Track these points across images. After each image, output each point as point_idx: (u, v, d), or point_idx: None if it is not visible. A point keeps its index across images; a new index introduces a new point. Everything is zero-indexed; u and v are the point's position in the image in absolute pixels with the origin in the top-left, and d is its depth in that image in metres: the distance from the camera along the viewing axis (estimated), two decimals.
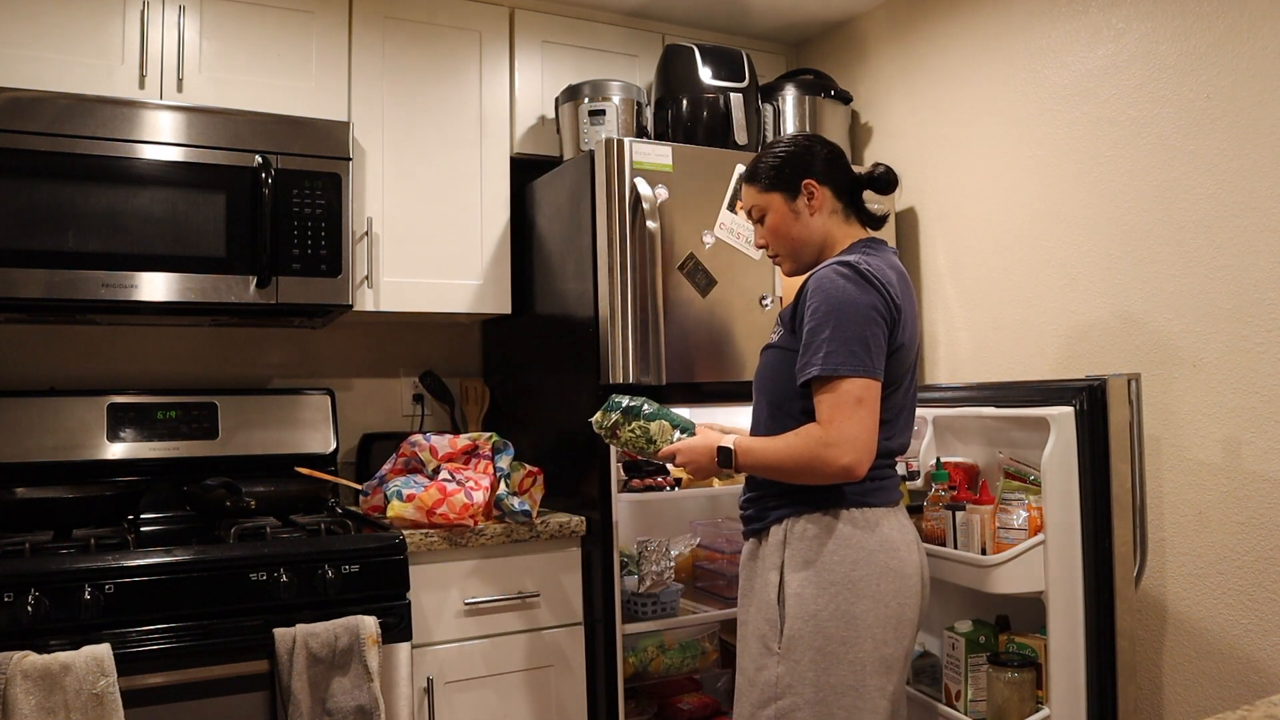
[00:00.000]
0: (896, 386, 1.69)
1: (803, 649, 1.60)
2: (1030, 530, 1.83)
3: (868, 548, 1.63)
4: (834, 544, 1.63)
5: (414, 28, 2.51)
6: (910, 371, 1.73)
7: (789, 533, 1.66)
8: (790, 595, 1.63)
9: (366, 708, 1.87)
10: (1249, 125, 1.89)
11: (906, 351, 1.70)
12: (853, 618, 1.60)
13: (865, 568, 1.62)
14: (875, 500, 1.67)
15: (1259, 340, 1.87)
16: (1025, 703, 1.84)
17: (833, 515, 1.64)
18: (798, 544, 1.65)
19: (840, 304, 1.60)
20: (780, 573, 1.65)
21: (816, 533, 1.64)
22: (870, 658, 1.60)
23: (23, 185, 2.01)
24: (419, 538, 2.08)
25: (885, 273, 1.66)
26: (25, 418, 2.27)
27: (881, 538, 1.64)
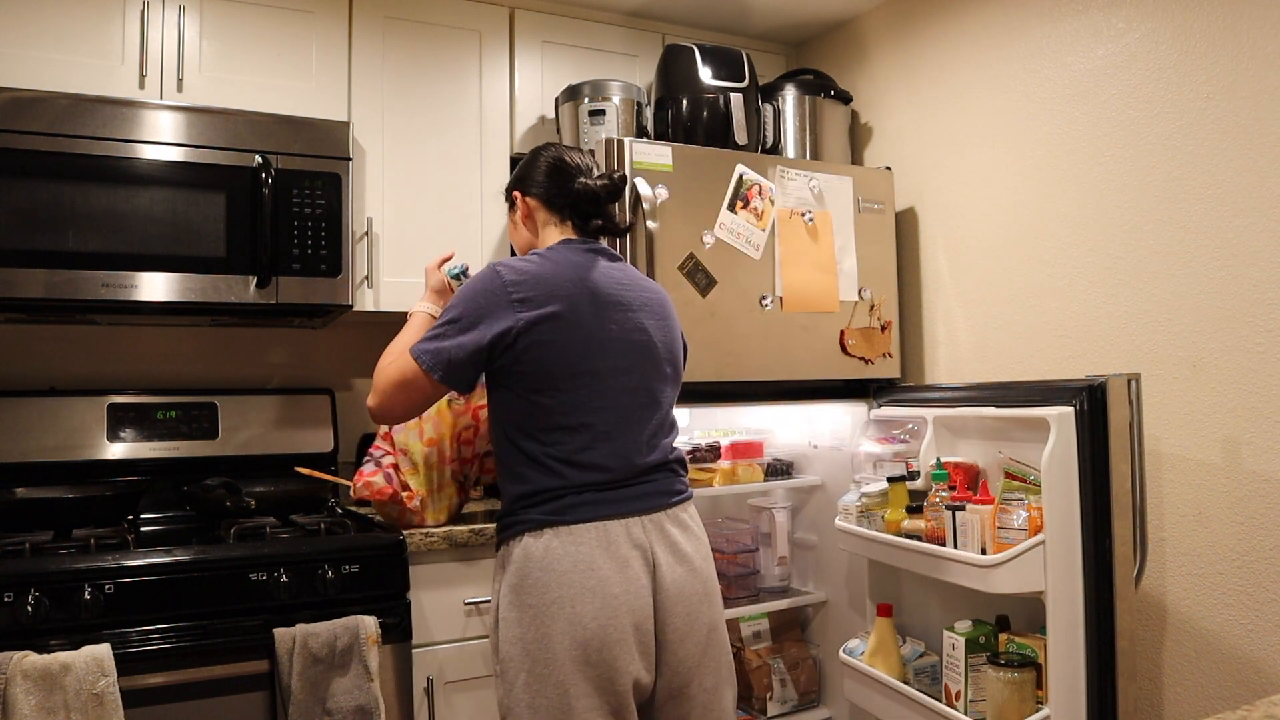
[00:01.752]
0: (539, 391, 1.64)
1: (514, 671, 1.61)
2: (1030, 530, 1.83)
3: (560, 569, 1.58)
4: (533, 566, 1.61)
5: (414, 28, 2.51)
6: (568, 377, 1.64)
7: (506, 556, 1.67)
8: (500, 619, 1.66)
9: (366, 708, 1.87)
10: (1249, 125, 1.89)
11: (552, 358, 1.63)
12: (528, 652, 1.58)
13: (559, 590, 1.58)
14: (570, 517, 1.61)
15: (1259, 340, 1.87)
16: (1025, 703, 1.84)
17: (534, 535, 1.62)
18: (511, 567, 1.64)
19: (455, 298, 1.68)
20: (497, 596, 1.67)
21: (522, 555, 1.62)
22: (573, 678, 1.56)
23: (23, 185, 2.01)
24: (419, 537, 2.08)
25: (522, 282, 1.65)
26: (25, 418, 2.27)
27: (578, 556, 1.59)
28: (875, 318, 2.55)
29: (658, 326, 1.76)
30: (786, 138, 2.66)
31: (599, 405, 1.65)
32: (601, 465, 1.64)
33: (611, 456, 1.65)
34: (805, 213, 2.44)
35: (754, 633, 2.64)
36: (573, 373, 1.64)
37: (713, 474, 2.48)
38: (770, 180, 2.40)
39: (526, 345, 1.62)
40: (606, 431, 1.65)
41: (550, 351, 1.63)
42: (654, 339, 1.74)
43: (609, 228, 1.82)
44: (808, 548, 2.74)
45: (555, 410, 1.64)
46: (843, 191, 2.52)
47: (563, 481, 1.63)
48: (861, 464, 2.42)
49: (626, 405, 1.68)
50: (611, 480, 1.65)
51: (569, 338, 1.64)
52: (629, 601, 1.59)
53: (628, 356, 1.69)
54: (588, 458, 1.64)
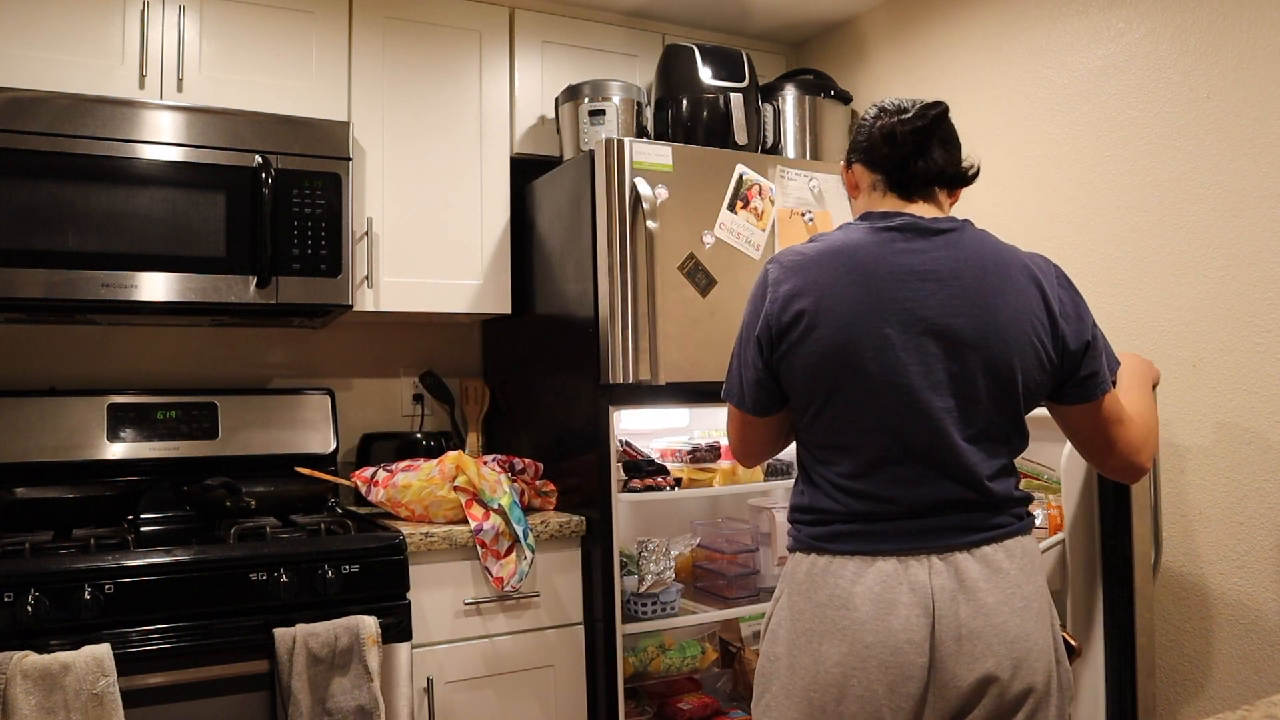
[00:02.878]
0: (812, 403, 1.40)
1: (761, 687, 1.46)
2: (1050, 529, 1.84)
3: (815, 600, 1.38)
4: (792, 587, 1.43)
5: (414, 28, 2.51)
6: (847, 381, 1.36)
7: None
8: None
9: (366, 708, 1.87)
10: (1249, 125, 1.89)
11: (812, 371, 1.38)
12: (771, 673, 1.43)
13: (806, 621, 1.38)
14: (833, 547, 1.39)
15: (1259, 340, 1.87)
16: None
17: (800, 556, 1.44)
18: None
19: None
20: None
21: (789, 570, 1.46)
22: (779, 712, 1.40)
23: (23, 185, 2.01)
24: (419, 537, 2.08)
25: (790, 260, 1.41)
26: (25, 418, 2.27)
27: (832, 590, 1.36)
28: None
29: (972, 319, 1.35)
30: (786, 138, 2.65)
31: (867, 425, 1.37)
32: (873, 495, 1.37)
33: (885, 486, 1.37)
34: (805, 213, 2.44)
35: (754, 633, 2.65)
36: (831, 385, 1.37)
37: (713, 474, 2.48)
38: (770, 180, 2.40)
39: (781, 354, 1.41)
40: (881, 457, 1.37)
41: (800, 361, 1.38)
42: (962, 336, 1.35)
43: (930, 175, 1.44)
44: None
45: (819, 428, 1.41)
46: (842, 192, 2.52)
47: (833, 505, 1.39)
48: None
49: (905, 426, 1.36)
50: (886, 514, 1.36)
51: (822, 342, 1.37)
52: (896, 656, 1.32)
53: (908, 361, 1.35)
54: (858, 486, 1.38)
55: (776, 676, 1.42)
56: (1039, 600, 1.37)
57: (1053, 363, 1.39)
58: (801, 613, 1.40)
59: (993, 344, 1.35)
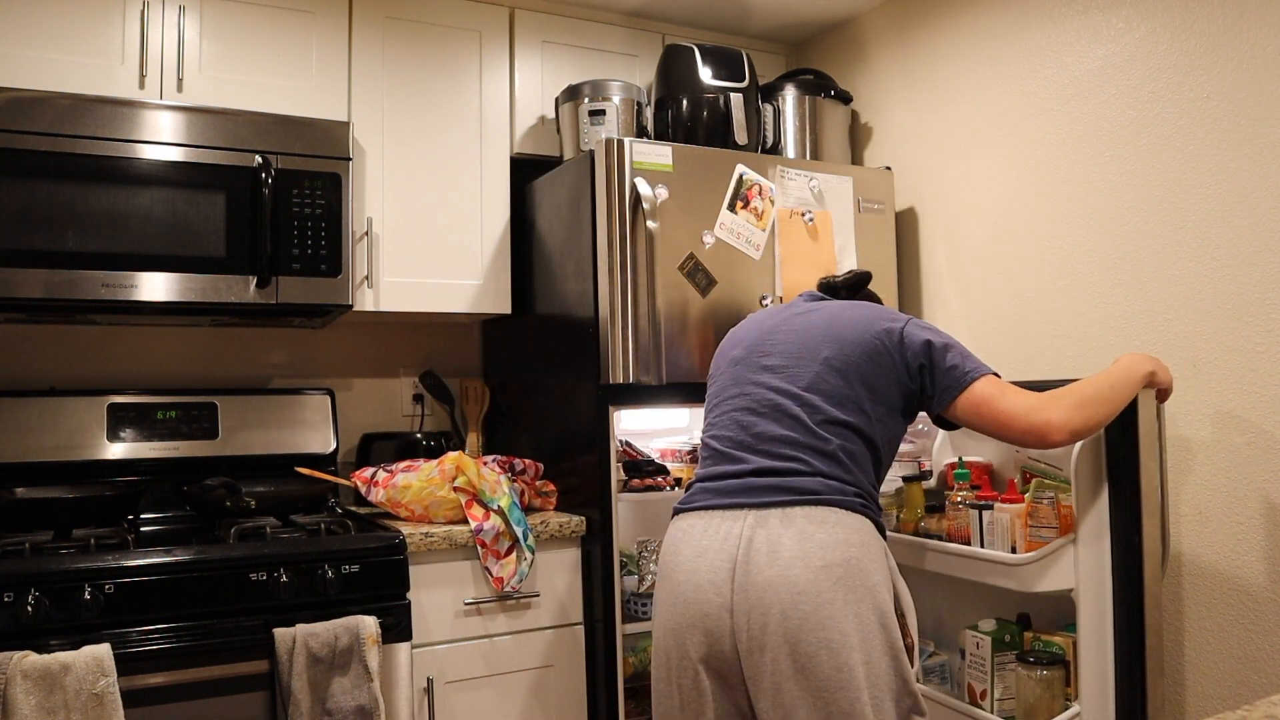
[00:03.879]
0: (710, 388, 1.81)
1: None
2: (1061, 529, 1.84)
3: (663, 550, 1.69)
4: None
5: (414, 28, 2.51)
6: (723, 367, 1.79)
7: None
8: None
9: (366, 708, 1.87)
10: (1249, 125, 1.89)
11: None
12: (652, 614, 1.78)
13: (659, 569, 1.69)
14: (682, 507, 1.70)
15: (1259, 340, 1.87)
16: (1055, 700, 1.85)
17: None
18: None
19: None
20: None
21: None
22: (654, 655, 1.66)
23: (23, 185, 2.01)
24: (419, 537, 2.08)
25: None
26: (25, 418, 2.27)
27: (672, 541, 1.66)
28: None
29: (813, 321, 1.74)
30: (786, 138, 2.65)
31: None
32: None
33: (715, 446, 1.71)
34: (805, 213, 2.44)
35: None
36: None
37: None
38: (770, 180, 2.40)
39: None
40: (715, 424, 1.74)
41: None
42: (800, 331, 1.73)
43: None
44: None
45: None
46: (843, 191, 2.52)
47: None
48: None
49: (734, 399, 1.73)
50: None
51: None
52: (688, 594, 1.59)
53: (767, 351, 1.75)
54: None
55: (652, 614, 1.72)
56: (844, 569, 1.47)
57: (906, 366, 1.65)
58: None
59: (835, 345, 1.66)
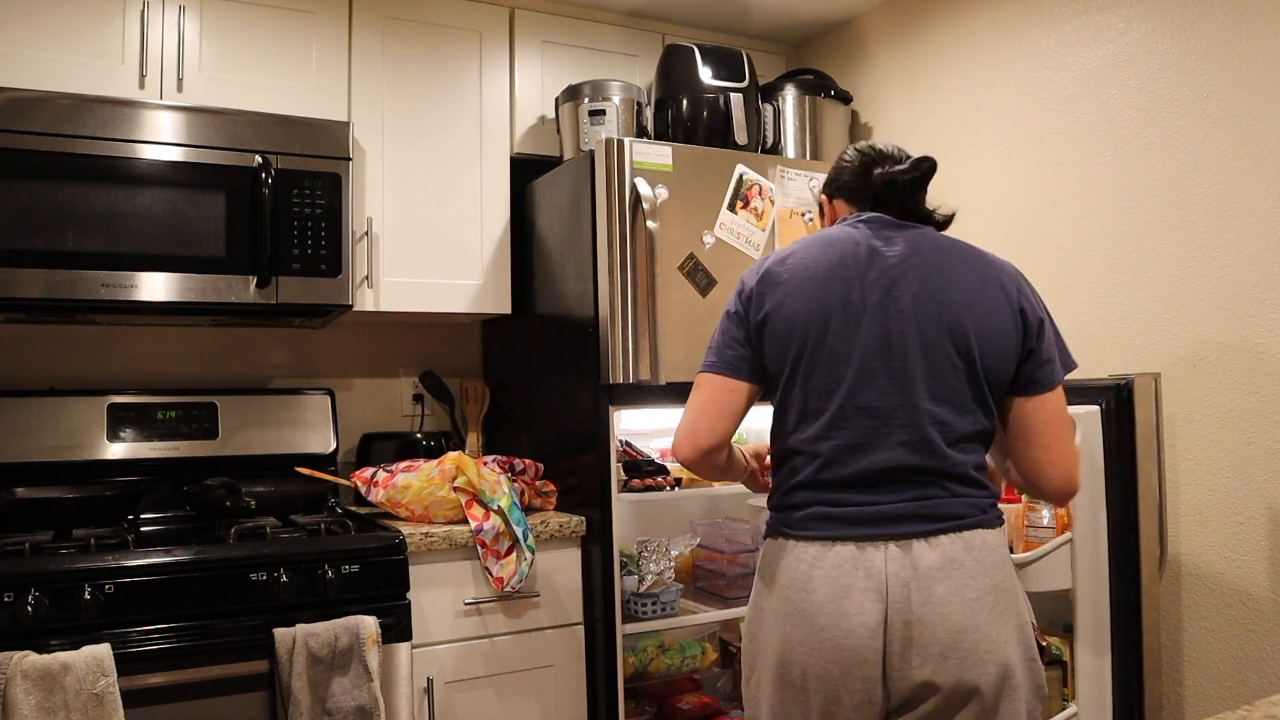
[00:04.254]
0: (780, 376, 1.49)
1: (748, 667, 1.55)
2: (1058, 528, 1.84)
3: (774, 581, 1.46)
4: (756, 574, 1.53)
5: (414, 28, 2.51)
6: (804, 358, 1.46)
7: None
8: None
9: (366, 708, 1.87)
10: (1249, 125, 1.89)
11: (781, 342, 1.47)
12: (753, 652, 1.50)
13: (768, 602, 1.47)
14: (787, 530, 1.47)
15: (1259, 340, 1.87)
16: (1052, 700, 1.85)
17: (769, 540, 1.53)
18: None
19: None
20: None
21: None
22: (764, 700, 1.47)
23: (23, 185, 2.01)
24: (419, 537, 2.08)
25: (771, 261, 1.52)
26: (25, 418, 2.27)
27: (788, 574, 1.44)
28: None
29: (930, 303, 1.44)
30: (786, 138, 2.65)
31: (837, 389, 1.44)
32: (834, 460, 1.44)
33: (821, 453, 1.44)
34: (805, 213, 2.44)
35: None
36: (781, 363, 1.48)
37: None
38: (770, 180, 2.40)
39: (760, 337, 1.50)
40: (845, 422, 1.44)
41: (775, 341, 1.48)
42: (916, 319, 1.43)
43: (915, 218, 1.56)
44: None
45: (787, 403, 1.49)
46: None
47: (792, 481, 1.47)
48: None
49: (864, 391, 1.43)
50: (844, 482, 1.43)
51: (795, 323, 1.46)
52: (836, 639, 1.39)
53: (871, 340, 1.44)
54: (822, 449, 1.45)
55: (755, 657, 1.49)
56: (994, 594, 1.38)
57: (1016, 341, 1.45)
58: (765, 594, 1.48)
59: (949, 315, 1.43)
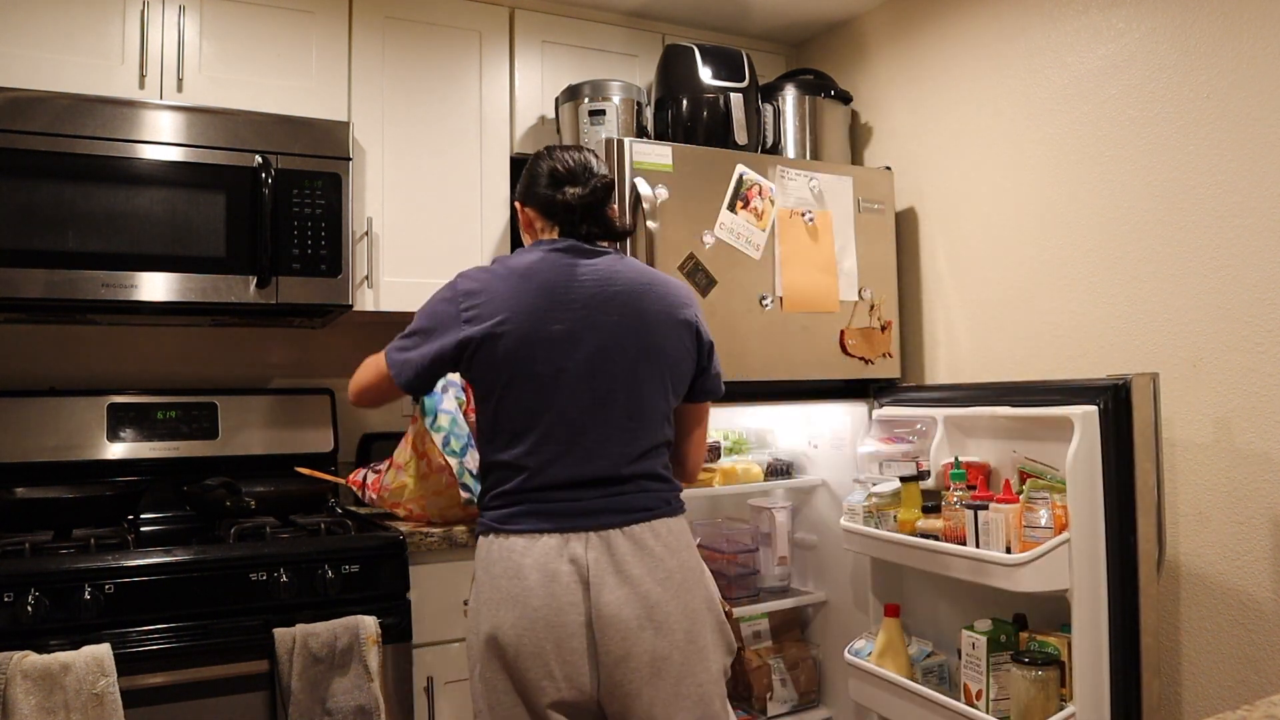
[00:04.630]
0: (489, 397, 1.65)
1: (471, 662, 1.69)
2: (1055, 529, 1.84)
3: (488, 573, 1.62)
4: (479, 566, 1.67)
5: (414, 28, 2.51)
6: (513, 382, 1.62)
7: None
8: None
9: (366, 708, 1.87)
10: (1249, 125, 1.89)
11: (490, 367, 1.63)
12: (470, 645, 1.66)
13: (483, 592, 1.63)
14: (498, 527, 1.63)
15: (1259, 340, 1.87)
16: (1050, 701, 1.85)
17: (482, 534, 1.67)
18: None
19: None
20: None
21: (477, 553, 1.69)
22: (481, 685, 1.62)
23: (23, 185, 2.01)
24: (419, 537, 2.08)
25: (475, 283, 1.68)
26: (25, 418, 2.27)
27: (501, 565, 1.61)
28: (875, 318, 2.55)
29: (627, 322, 1.66)
30: (786, 138, 2.66)
31: (542, 409, 1.62)
32: (542, 473, 1.62)
33: (556, 465, 1.62)
34: (805, 213, 2.44)
35: (754, 632, 2.65)
36: (511, 376, 1.62)
37: (713, 474, 2.48)
38: (770, 180, 2.40)
39: (476, 355, 1.64)
40: (551, 437, 1.62)
41: (493, 357, 1.62)
42: (618, 337, 1.65)
43: (604, 234, 1.76)
44: (808, 548, 2.74)
45: (501, 416, 1.65)
46: (843, 191, 2.52)
47: (509, 487, 1.63)
48: (865, 464, 2.42)
49: (570, 410, 1.62)
50: (554, 488, 1.62)
51: (510, 342, 1.62)
52: (548, 616, 1.56)
53: (573, 357, 1.62)
54: (529, 463, 1.62)
55: (472, 646, 1.65)
56: (681, 573, 1.63)
57: (693, 357, 1.73)
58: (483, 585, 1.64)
59: (644, 340, 1.66)
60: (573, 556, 1.58)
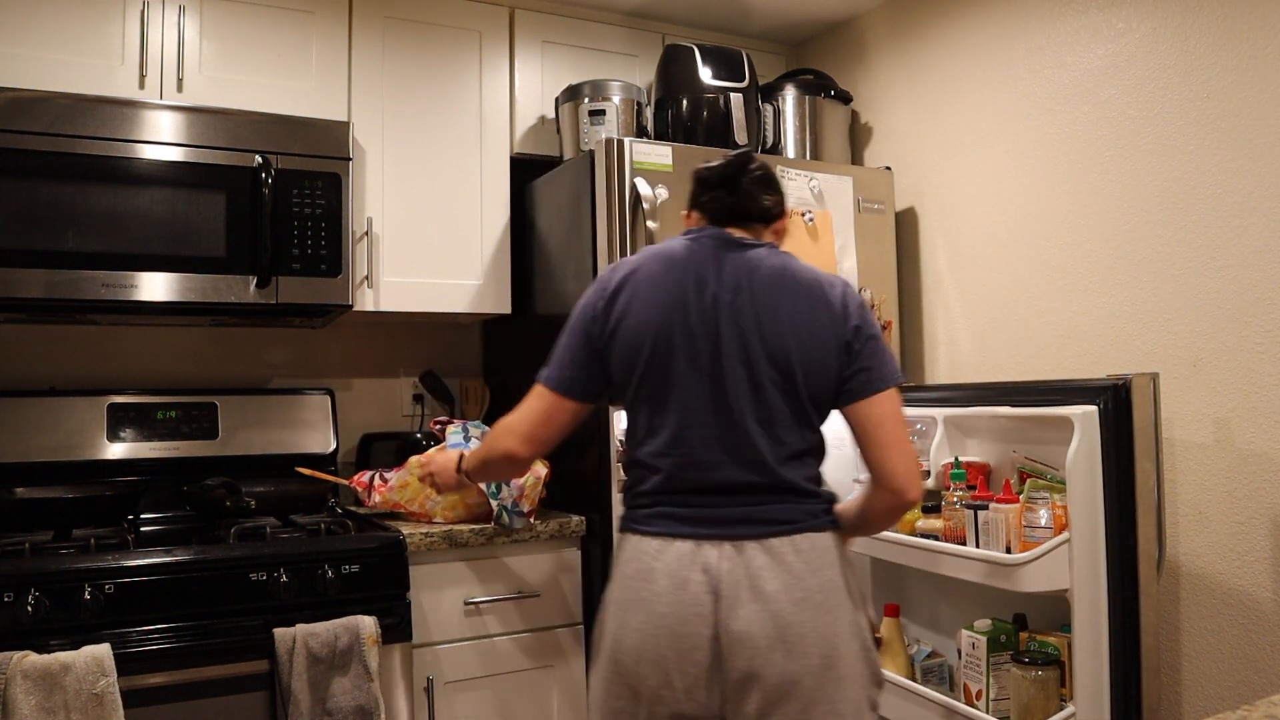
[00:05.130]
0: (626, 388, 1.58)
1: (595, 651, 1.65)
2: (1055, 529, 1.83)
3: (620, 572, 1.57)
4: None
5: (414, 28, 2.51)
6: (643, 375, 1.55)
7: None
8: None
9: (366, 708, 1.87)
10: (1249, 125, 1.89)
11: (626, 356, 1.56)
12: (597, 638, 1.60)
13: (614, 591, 1.57)
14: (634, 526, 1.58)
15: (1259, 340, 1.87)
16: (1050, 701, 1.85)
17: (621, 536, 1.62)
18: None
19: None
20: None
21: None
22: (599, 682, 1.58)
23: (23, 185, 2.01)
24: (419, 537, 2.08)
25: (618, 276, 1.61)
26: (25, 418, 2.27)
27: (633, 565, 1.55)
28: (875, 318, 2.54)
29: (757, 330, 1.54)
30: (786, 138, 2.66)
31: (675, 405, 1.54)
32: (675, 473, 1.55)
33: (666, 460, 1.55)
34: (805, 212, 2.44)
35: None
36: (646, 370, 1.55)
37: None
38: None
39: (610, 344, 1.59)
40: (685, 437, 1.54)
41: (626, 348, 1.56)
42: (746, 333, 1.54)
43: (743, 212, 1.65)
44: None
45: (637, 411, 1.58)
46: (843, 191, 2.52)
47: (645, 487, 1.57)
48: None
49: (704, 406, 1.53)
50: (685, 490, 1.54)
51: (643, 333, 1.55)
52: (673, 625, 1.48)
53: (709, 352, 1.53)
54: (663, 464, 1.55)
55: (599, 641, 1.60)
56: (822, 593, 1.50)
57: (838, 355, 1.56)
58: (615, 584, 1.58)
59: (774, 341, 1.53)
60: (705, 565, 1.49)
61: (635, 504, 1.59)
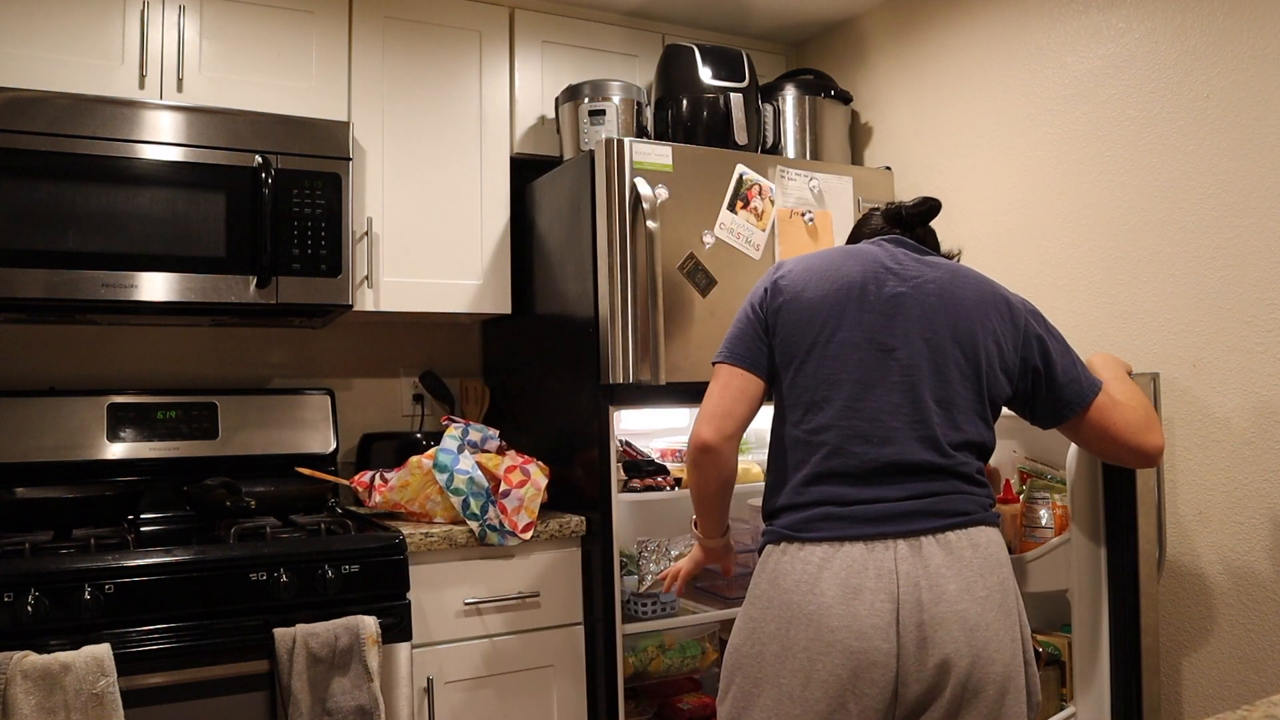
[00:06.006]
0: (791, 362, 1.52)
1: (726, 680, 1.50)
2: (1056, 529, 1.84)
3: (776, 586, 1.44)
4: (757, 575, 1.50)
5: (414, 28, 2.51)
6: (817, 346, 1.50)
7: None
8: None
9: (366, 708, 1.87)
10: (1249, 125, 1.89)
11: (795, 330, 1.52)
12: (736, 665, 1.47)
13: (769, 608, 1.44)
14: (790, 534, 1.46)
15: (1259, 340, 1.87)
16: (1050, 700, 1.85)
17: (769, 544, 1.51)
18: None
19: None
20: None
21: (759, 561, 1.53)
22: (755, 714, 1.43)
23: (23, 185, 2.01)
24: (419, 538, 2.08)
25: (791, 261, 1.61)
26: (25, 418, 2.27)
27: (793, 578, 1.42)
28: None
29: (943, 313, 1.50)
30: (786, 138, 2.66)
31: (844, 379, 1.47)
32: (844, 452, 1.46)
33: (857, 442, 1.45)
34: (805, 213, 2.44)
35: None
36: (814, 342, 1.51)
37: None
38: (770, 180, 2.40)
39: (779, 316, 1.55)
40: (852, 410, 1.46)
41: (795, 319, 1.53)
42: (928, 323, 1.49)
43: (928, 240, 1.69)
44: None
45: (799, 387, 1.51)
46: (843, 191, 2.52)
47: (803, 474, 1.48)
48: None
49: (873, 381, 1.47)
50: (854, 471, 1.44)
51: (814, 306, 1.52)
52: (847, 640, 1.36)
53: (885, 329, 1.49)
54: (828, 438, 1.46)
55: (742, 665, 1.46)
56: (1000, 593, 1.40)
57: (1014, 353, 1.53)
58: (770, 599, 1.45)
59: (960, 327, 1.50)
60: (879, 570, 1.37)
61: (789, 505, 1.48)
